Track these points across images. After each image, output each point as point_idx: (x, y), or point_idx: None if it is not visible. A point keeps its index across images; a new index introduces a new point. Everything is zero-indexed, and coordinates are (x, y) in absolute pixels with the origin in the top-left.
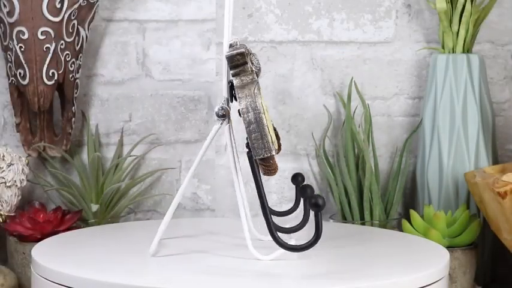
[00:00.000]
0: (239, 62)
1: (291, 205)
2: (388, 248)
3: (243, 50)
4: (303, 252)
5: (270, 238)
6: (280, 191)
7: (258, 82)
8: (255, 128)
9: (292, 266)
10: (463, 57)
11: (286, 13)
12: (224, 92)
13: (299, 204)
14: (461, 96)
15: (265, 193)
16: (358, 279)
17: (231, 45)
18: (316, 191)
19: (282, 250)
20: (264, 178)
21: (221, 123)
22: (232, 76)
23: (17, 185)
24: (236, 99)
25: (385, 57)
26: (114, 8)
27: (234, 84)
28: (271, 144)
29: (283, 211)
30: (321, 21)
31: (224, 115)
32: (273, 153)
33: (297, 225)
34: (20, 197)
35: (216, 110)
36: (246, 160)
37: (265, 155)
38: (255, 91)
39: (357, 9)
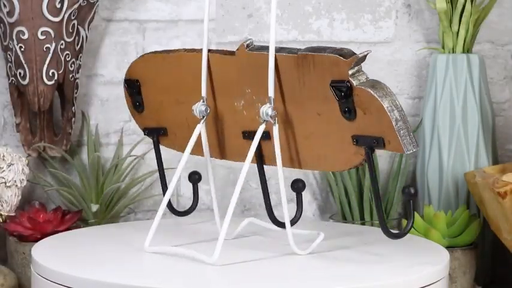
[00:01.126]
0: (361, 62)
1: (291, 205)
2: (388, 248)
3: (369, 51)
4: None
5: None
6: (280, 191)
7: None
8: (402, 125)
9: (293, 266)
10: (463, 57)
11: (286, 13)
12: (270, 92)
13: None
14: (461, 96)
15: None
16: (358, 279)
17: (247, 46)
18: (316, 191)
19: (315, 244)
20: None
21: (266, 123)
22: (349, 76)
23: (17, 185)
24: None
25: (385, 57)
26: (114, 8)
27: (356, 85)
28: (415, 139)
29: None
30: (321, 21)
31: (274, 115)
32: (418, 146)
33: (293, 218)
34: (20, 197)
35: (267, 110)
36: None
37: (414, 150)
38: (389, 90)
39: (357, 9)
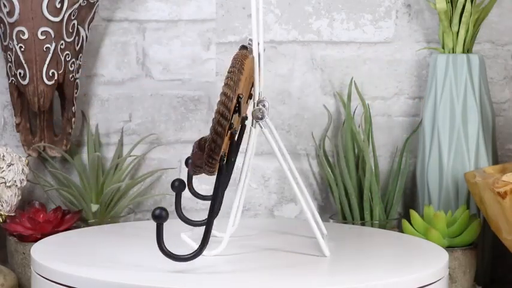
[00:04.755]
0: None
1: (291, 205)
2: (388, 248)
3: None
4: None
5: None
6: (280, 191)
7: None
8: None
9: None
10: (463, 57)
11: (286, 13)
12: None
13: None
14: (461, 96)
15: (267, 193)
16: (358, 279)
17: (246, 47)
18: (316, 191)
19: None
20: (265, 178)
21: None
22: None
23: (17, 185)
24: None
25: (385, 57)
26: (114, 8)
27: None
28: None
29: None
30: (321, 21)
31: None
32: None
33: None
34: (20, 197)
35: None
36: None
37: None
38: None
39: (357, 9)
